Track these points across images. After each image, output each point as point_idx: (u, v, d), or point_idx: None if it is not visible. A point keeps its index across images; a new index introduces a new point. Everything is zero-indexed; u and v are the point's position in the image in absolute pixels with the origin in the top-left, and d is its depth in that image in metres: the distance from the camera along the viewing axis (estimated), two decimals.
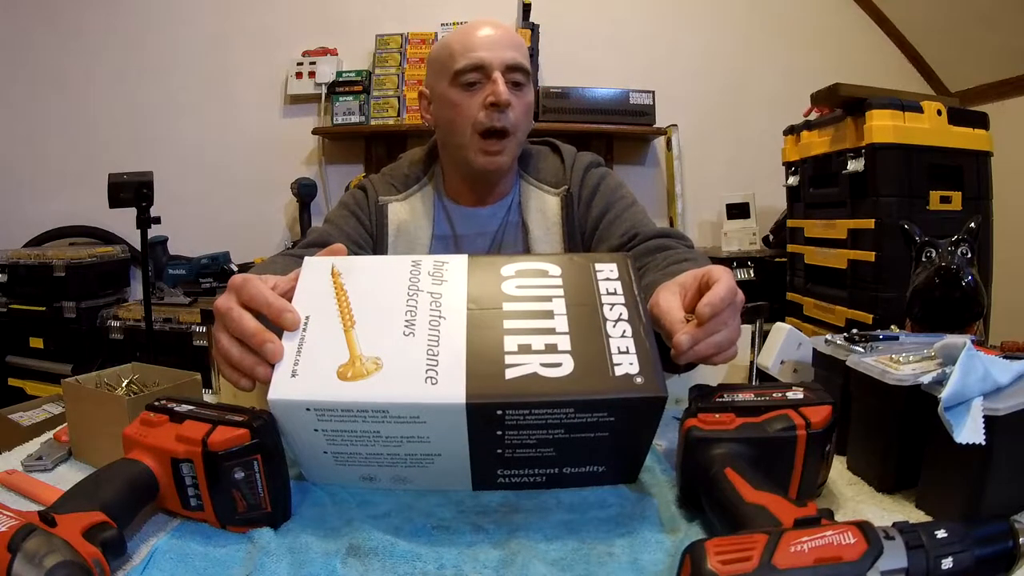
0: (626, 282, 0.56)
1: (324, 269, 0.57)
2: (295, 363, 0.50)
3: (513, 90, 0.90)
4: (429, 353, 0.50)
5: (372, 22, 2.67)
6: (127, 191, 1.87)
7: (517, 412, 0.48)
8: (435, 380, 0.48)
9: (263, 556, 0.46)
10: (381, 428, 0.50)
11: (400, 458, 0.52)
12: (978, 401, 0.48)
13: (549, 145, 1.07)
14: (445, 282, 0.55)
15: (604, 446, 0.52)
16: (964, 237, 0.78)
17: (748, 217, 2.57)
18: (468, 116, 0.90)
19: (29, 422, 1.57)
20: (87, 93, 2.68)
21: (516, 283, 0.55)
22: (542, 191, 0.99)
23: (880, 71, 2.60)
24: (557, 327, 0.52)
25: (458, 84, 0.91)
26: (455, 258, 0.58)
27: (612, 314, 0.53)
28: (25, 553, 0.38)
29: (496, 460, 0.52)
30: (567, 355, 0.50)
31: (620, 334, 0.52)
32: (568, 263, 0.58)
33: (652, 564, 0.46)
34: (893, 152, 1.78)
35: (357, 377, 0.49)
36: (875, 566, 0.36)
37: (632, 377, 0.49)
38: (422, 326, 0.52)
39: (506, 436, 0.50)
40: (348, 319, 0.52)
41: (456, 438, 0.50)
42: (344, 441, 0.51)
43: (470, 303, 0.54)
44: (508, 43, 0.92)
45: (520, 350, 0.50)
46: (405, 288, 0.55)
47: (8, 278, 2.40)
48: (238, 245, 2.54)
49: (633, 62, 2.72)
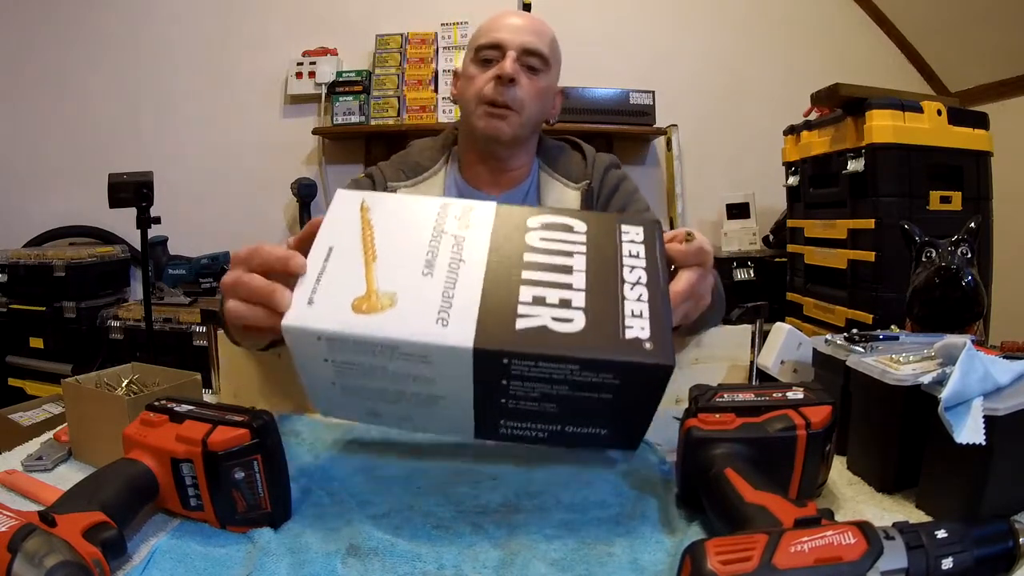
0: (650, 247, 0.55)
1: (354, 202, 0.57)
2: (313, 291, 0.50)
3: (526, 72, 0.95)
4: (444, 295, 0.50)
5: (372, 22, 2.67)
6: (127, 191, 1.87)
7: (523, 363, 0.48)
8: (446, 322, 0.48)
9: (263, 556, 0.46)
10: (389, 364, 0.49)
11: (405, 396, 0.52)
12: (978, 401, 0.48)
13: (569, 142, 1.10)
14: (471, 227, 0.55)
15: (607, 408, 0.51)
16: (964, 237, 0.78)
17: (748, 217, 2.57)
18: (477, 87, 0.96)
19: (29, 422, 1.57)
20: (87, 93, 2.68)
21: (540, 235, 0.55)
22: (563, 184, 1.02)
23: (880, 71, 2.61)
24: (574, 283, 0.51)
25: (477, 60, 0.97)
26: (484, 204, 0.58)
27: (631, 276, 0.52)
28: (25, 553, 0.38)
29: (499, 410, 0.52)
30: (580, 312, 0.49)
31: (636, 297, 0.51)
32: (595, 220, 0.57)
33: (652, 564, 0.46)
34: (893, 152, 1.78)
35: (371, 311, 0.49)
36: (875, 566, 0.36)
37: (642, 342, 0.48)
38: (441, 267, 0.52)
39: (511, 386, 0.50)
40: (371, 253, 0.52)
41: (461, 382, 0.50)
42: (352, 374, 0.51)
43: (491, 250, 0.53)
44: (530, 30, 0.97)
45: (534, 301, 0.50)
46: (431, 229, 0.55)
47: (8, 278, 2.40)
48: (238, 245, 2.46)
49: (633, 62, 2.72)
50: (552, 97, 1.03)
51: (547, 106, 1.01)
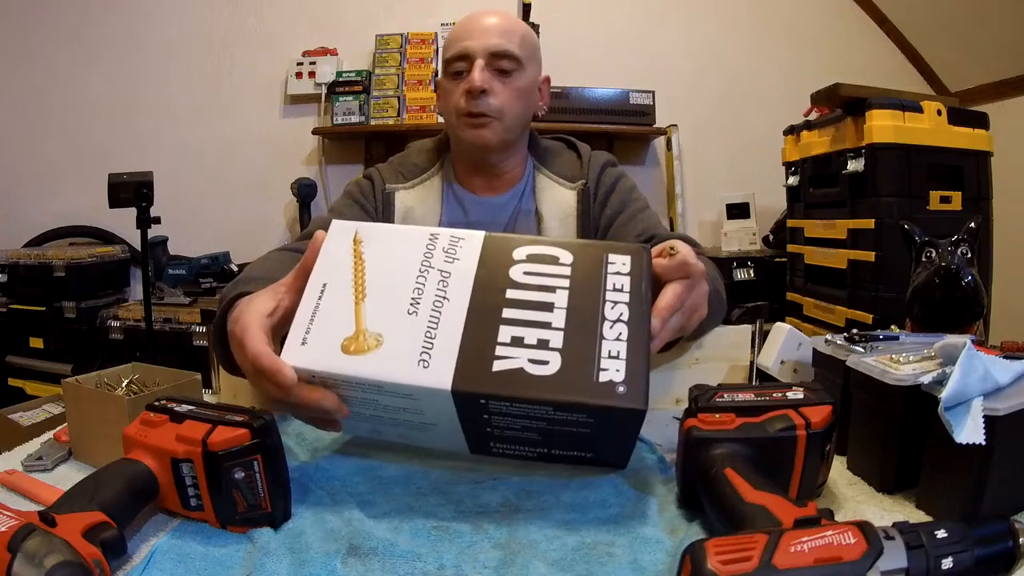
0: (635, 279, 0.55)
1: (348, 235, 0.59)
2: (307, 331, 0.53)
3: (499, 77, 0.92)
4: (427, 335, 0.52)
5: (372, 22, 2.67)
6: (127, 191, 1.87)
7: (499, 403, 0.50)
8: (427, 364, 0.51)
9: (263, 556, 0.46)
10: (379, 398, 0.53)
11: (400, 422, 0.55)
12: (978, 401, 0.48)
13: (564, 141, 1.09)
14: (457, 260, 0.57)
15: (587, 439, 0.54)
16: (964, 237, 0.78)
17: (748, 217, 2.57)
18: (454, 100, 0.94)
19: (29, 422, 1.57)
20: (87, 93, 2.68)
21: (525, 268, 0.56)
22: (558, 184, 1.01)
23: (880, 71, 2.60)
24: (553, 322, 0.53)
25: (448, 73, 0.95)
26: (472, 235, 0.59)
27: (612, 313, 0.53)
28: (25, 553, 0.38)
29: (487, 436, 0.55)
30: (556, 353, 0.51)
31: (615, 336, 0.52)
32: (582, 251, 0.58)
33: (652, 564, 0.46)
34: (893, 152, 1.78)
35: (358, 352, 0.52)
36: (875, 566, 0.36)
37: (615, 385, 0.49)
38: (426, 306, 0.54)
39: (492, 419, 0.52)
40: (360, 292, 0.55)
41: (447, 415, 0.52)
42: (349, 402, 0.54)
43: (475, 287, 0.55)
44: (496, 31, 0.93)
45: (512, 342, 0.52)
46: (418, 264, 0.57)
47: (8, 278, 2.40)
48: (238, 245, 2.54)
49: (633, 62, 2.72)
50: (535, 91, 0.99)
51: (531, 103, 0.98)
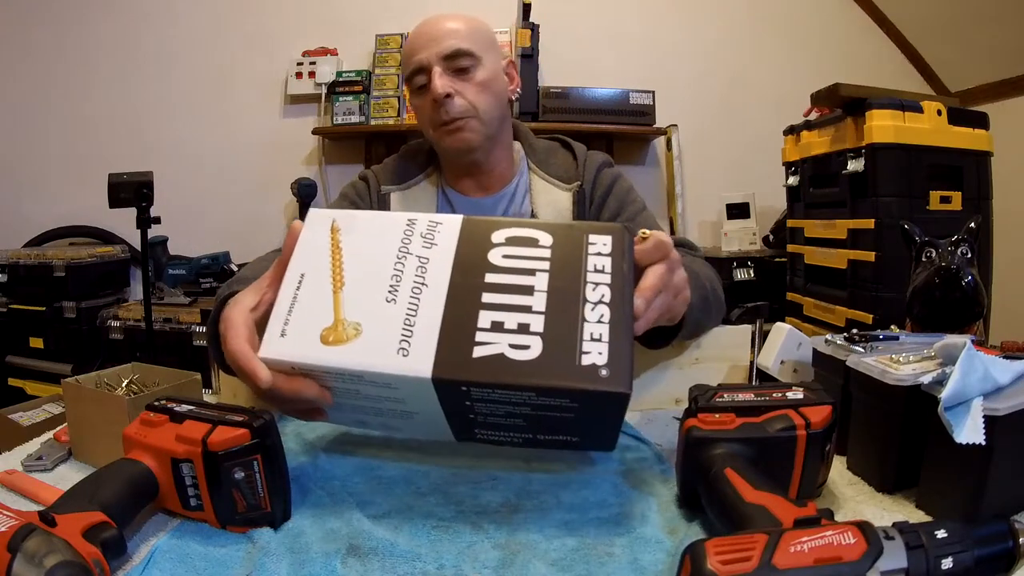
0: (617, 259, 0.54)
1: (325, 224, 0.58)
2: (285, 322, 0.52)
3: (457, 77, 0.92)
4: (406, 323, 0.51)
5: (372, 22, 2.66)
6: (127, 191, 1.87)
7: (481, 389, 0.49)
8: (406, 352, 0.50)
9: (263, 556, 0.46)
10: (360, 388, 0.52)
11: (383, 411, 0.55)
12: (978, 401, 0.48)
13: (559, 141, 1.07)
14: (435, 246, 0.56)
15: (572, 423, 0.52)
16: (964, 237, 0.78)
17: (748, 217, 2.57)
18: (426, 116, 0.95)
19: (29, 422, 1.58)
20: (87, 93, 2.68)
21: (504, 252, 0.55)
22: (553, 185, 0.99)
23: (880, 71, 2.61)
24: (534, 305, 0.51)
25: (414, 90, 0.97)
26: (450, 219, 0.58)
27: (594, 295, 0.52)
28: (25, 553, 0.38)
29: (471, 422, 0.54)
30: (537, 337, 0.50)
31: (597, 319, 0.50)
32: (561, 232, 0.56)
33: (652, 564, 0.46)
34: (893, 152, 1.78)
35: (337, 342, 0.51)
36: (875, 566, 0.36)
37: (598, 368, 0.48)
38: (404, 293, 0.53)
39: (475, 406, 0.51)
40: (338, 281, 0.54)
41: (429, 403, 0.51)
42: (332, 393, 0.53)
43: (454, 272, 0.54)
44: (443, 34, 0.93)
45: (492, 327, 0.50)
46: (396, 250, 0.56)
47: (8, 278, 2.39)
48: (238, 245, 2.54)
49: (633, 62, 2.72)
50: (501, 78, 0.97)
51: (500, 91, 0.96)
